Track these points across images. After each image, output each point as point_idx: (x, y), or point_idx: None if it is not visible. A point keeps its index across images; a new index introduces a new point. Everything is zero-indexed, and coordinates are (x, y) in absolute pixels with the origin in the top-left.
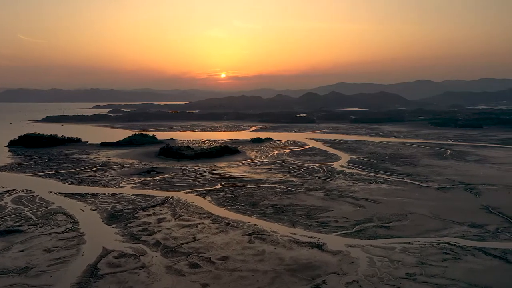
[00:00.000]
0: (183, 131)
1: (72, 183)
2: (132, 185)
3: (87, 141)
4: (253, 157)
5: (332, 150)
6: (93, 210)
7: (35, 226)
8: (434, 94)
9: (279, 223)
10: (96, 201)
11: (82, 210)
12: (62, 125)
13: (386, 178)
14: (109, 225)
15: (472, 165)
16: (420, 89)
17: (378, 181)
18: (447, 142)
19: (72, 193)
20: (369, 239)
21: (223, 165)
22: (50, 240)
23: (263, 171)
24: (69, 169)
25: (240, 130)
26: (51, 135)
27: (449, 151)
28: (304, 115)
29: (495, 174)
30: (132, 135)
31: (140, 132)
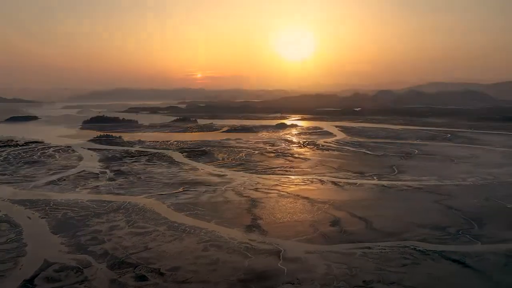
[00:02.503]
0: (152, 132)
1: (24, 188)
2: (88, 190)
3: (49, 143)
4: (221, 158)
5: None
6: (42, 218)
7: None
8: None
9: (239, 228)
10: (47, 207)
11: (29, 218)
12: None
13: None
14: (56, 235)
15: (438, 165)
16: None
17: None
18: (415, 142)
19: (22, 199)
20: (330, 244)
21: (188, 168)
22: None
23: (229, 173)
24: (25, 173)
25: (212, 131)
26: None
27: (417, 151)
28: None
29: (460, 174)
30: (96, 137)
31: (105, 133)
